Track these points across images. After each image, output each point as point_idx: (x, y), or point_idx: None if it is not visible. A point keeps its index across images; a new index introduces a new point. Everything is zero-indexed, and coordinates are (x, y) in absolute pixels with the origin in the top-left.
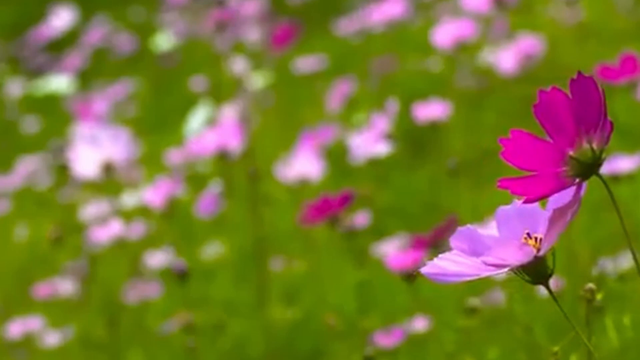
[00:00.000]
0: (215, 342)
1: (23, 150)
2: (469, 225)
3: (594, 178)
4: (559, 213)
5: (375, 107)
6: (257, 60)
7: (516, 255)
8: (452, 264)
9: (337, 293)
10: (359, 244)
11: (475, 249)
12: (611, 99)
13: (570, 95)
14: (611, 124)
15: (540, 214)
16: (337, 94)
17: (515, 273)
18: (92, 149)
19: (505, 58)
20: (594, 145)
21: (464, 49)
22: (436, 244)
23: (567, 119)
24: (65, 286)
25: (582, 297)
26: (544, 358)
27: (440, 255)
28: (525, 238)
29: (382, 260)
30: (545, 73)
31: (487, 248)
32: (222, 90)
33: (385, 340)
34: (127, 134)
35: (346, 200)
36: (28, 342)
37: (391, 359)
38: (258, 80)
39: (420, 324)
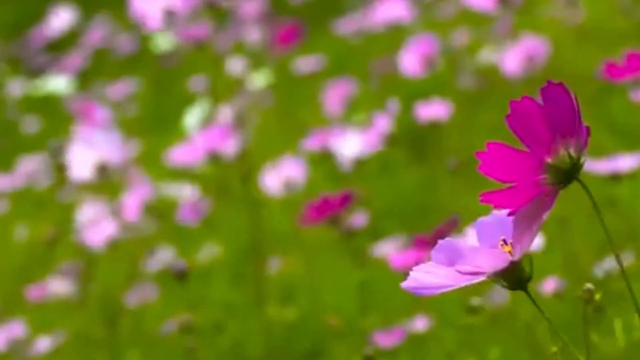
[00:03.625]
0: (213, 342)
1: (23, 150)
2: (449, 238)
3: (592, 178)
4: (526, 215)
5: (375, 107)
6: (257, 60)
7: (491, 261)
8: (429, 275)
9: (335, 293)
10: (356, 245)
11: (454, 260)
12: (613, 98)
13: (542, 103)
14: (587, 128)
15: None
16: (337, 94)
17: (493, 280)
18: (86, 151)
19: (507, 59)
20: (571, 151)
21: (465, 50)
22: (436, 244)
23: (541, 127)
24: (64, 286)
25: (580, 297)
26: (546, 357)
27: (414, 268)
28: (502, 244)
29: (379, 260)
30: (545, 73)
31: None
32: (221, 91)
33: (385, 340)
34: (120, 136)
35: (346, 201)
36: (27, 342)
37: (391, 359)
38: (258, 80)
39: (420, 324)
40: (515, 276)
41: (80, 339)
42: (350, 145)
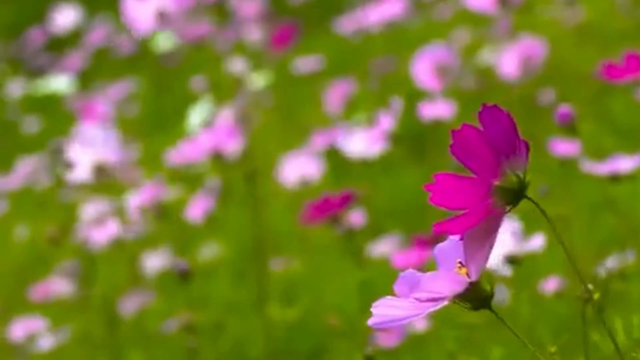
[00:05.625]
0: (215, 342)
1: (23, 150)
2: (410, 270)
3: (592, 178)
4: (475, 237)
5: (376, 107)
6: (257, 60)
7: (449, 285)
8: (391, 309)
9: (337, 292)
10: (357, 244)
11: (414, 290)
12: (613, 98)
13: (481, 128)
14: (526, 143)
15: None
16: (337, 93)
17: (456, 303)
18: (85, 151)
19: (506, 59)
20: (517, 170)
21: (466, 51)
22: (437, 243)
23: (485, 151)
24: (65, 286)
25: (579, 297)
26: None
27: (375, 304)
28: (459, 267)
29: (380, 259)
30: (545, 73)
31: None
32: (222, 90)
33: (385, 339)
34: (118, 136)
35: (346, 200)
36: (28, 342)
37: (392, 358)
38: (258, 80)
39: (420, 323)
40: (476, 296)
41: (82, 339)
42: (355, 144)
